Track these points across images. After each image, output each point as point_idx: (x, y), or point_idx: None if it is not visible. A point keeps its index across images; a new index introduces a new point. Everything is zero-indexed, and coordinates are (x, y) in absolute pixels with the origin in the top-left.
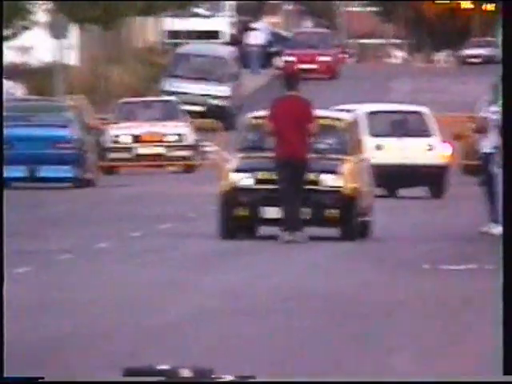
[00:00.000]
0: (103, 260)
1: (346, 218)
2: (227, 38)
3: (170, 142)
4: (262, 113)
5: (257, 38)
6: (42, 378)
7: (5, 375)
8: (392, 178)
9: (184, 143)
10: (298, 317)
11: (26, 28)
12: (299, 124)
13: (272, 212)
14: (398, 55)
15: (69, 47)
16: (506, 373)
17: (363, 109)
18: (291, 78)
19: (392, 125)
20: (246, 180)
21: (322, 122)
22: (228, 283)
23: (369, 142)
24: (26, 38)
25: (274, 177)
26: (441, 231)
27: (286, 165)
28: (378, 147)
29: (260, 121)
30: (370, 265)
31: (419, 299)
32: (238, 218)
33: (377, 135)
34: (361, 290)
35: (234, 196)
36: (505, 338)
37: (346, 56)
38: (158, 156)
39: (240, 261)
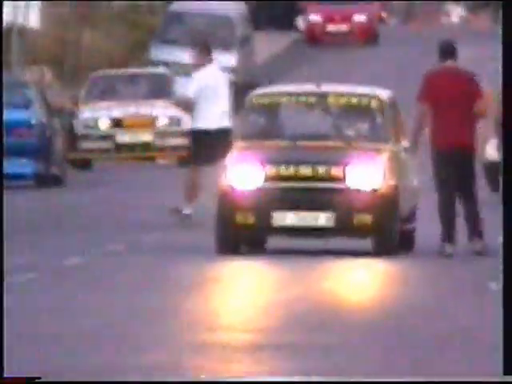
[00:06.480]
0: (74, 281)
1: (382, 226)
2: None
3: (160, 127)
4: (272, 89)
5: None
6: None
7: (5, 375)
8: None
9: (178, 128)
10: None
11: None
12: (464, 103)
13: (287, 218)
14: (456, 13)
15: (27, 5)
16: (506, 373)
17: None
18: (447, 45)
19: None
20: (250, 177)
21: (348, 100)
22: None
23: None
24: None
25: (289, 172)
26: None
27: (450, 158)
28: None
29: (269, 99)
30: (419, 287)
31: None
32: (241, 227)
33: None
34: (411, 317)
35: (234, 198)
36: (505, 338)
37: (385, 15)
38: (146, 145)
39: (234, 287)
